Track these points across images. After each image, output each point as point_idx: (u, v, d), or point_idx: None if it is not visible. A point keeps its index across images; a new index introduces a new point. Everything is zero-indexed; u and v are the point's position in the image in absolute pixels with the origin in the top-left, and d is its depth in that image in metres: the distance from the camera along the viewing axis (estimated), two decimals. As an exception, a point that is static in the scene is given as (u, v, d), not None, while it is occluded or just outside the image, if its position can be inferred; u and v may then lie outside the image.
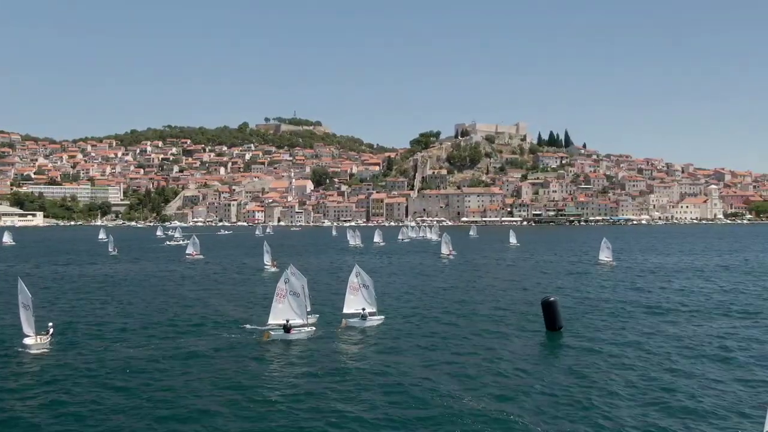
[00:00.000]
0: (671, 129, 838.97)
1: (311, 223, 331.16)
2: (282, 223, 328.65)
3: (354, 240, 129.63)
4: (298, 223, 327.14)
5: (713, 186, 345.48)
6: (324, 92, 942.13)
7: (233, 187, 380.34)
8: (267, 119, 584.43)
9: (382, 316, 40.86)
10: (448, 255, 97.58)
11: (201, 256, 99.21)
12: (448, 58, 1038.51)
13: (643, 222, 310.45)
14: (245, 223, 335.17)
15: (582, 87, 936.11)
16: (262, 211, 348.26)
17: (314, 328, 37.23)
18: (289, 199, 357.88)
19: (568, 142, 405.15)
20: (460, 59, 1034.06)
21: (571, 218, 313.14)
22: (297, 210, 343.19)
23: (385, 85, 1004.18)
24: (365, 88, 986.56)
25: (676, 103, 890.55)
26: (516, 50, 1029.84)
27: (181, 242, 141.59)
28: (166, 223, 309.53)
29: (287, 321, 36.20)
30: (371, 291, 40.68)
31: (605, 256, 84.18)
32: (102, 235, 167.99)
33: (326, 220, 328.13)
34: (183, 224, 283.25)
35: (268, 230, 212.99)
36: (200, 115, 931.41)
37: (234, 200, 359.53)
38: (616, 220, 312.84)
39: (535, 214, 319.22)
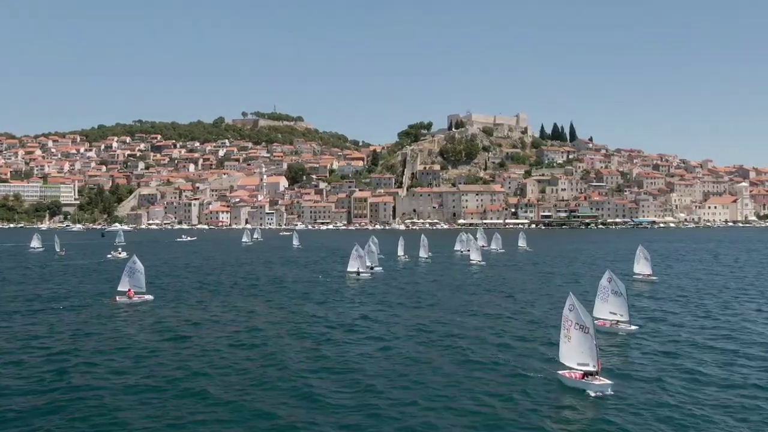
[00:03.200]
0: (679, 124, 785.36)
1: (282, 225, 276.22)
2: (251, 226, 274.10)
3: (359, 261, 63.08)
4: (294, 225, 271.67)
5: (742, 184, 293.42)
6: (307, 86, 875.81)
7: (197, 185, 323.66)
8: (244, 114, 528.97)
9: None
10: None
11: (148, 297, 46.33)
12: (438, 49, 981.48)
13: (671, 225, 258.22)
14: (206, 226, 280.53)
15: (584, 79, 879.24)
16: (227, 211, 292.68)
17: None
18: (259, 198, 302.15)
19: (573, 135, 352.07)
20: (452, 49, 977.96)
21: (587, 220, 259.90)
22: (267, 210, 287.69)
23: (373, 78, 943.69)
24: (350, 81, 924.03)
25: (686, 97, 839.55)
26: (511, 39, 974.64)
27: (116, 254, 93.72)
28: (105, 226, 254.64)
29: None
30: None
31: None
32: (35, 243, 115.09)
33: (299, 222, 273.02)
34: (125, 227, 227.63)
35: (256, 236, 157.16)
36: (173, 110, 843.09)
37: (196, 199, 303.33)
38: (638, 222, 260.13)
39: (543, 216, 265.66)
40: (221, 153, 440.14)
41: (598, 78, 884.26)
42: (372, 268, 65.75)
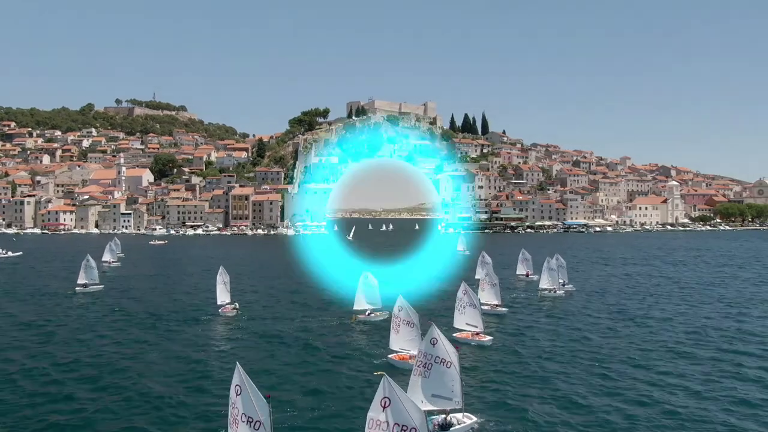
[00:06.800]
0: (592, 120, 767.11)
1: (143, 230, 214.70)
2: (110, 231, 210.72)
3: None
4: (153, 230, 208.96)
5: (672, 183, 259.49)
6: (191, 72, 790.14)
7: (37, 179, 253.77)
8: (118, 101, 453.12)
9: None
10: None
11: None
12: (340, 36, 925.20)
13: (608, 229, 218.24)
14: (38, 230, 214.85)
15: (493, 70, 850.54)
16: (71, 211, 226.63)
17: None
18: (116, 196, 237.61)
19: (486, 128, 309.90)
20: (354, 36, 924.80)
21: (512, 223, 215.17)
22: (123, 211, 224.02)
23: (265, 66, 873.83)
24: (240, 68, 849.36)
25: (598, 94, 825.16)
26: (414, 25, 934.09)
27: None
28: None
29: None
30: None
31: None
32: None
33: (159, 226, 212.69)
34: None
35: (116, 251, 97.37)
36: (34, 96, 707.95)
37: (31, 196, 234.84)
38: (569, 225, 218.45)
39: (461, 218, 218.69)
40: (86, 143, 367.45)
41: (508, 69, 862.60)
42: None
